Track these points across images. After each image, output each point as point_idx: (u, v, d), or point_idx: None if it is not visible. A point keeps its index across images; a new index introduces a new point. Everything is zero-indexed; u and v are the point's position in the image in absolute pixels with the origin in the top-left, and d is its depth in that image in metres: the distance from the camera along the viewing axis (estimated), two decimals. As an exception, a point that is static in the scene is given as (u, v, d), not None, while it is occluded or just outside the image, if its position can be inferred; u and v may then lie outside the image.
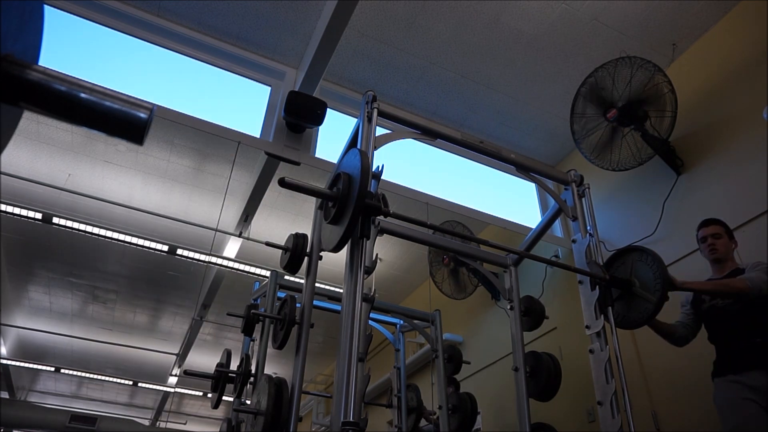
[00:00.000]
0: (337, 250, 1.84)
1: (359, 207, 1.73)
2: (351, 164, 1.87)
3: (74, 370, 7.89)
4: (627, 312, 2.38)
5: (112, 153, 4.18)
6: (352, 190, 1.77)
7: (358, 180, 1.75)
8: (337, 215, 1.82)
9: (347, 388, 1.54)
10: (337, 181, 1.90)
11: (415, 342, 4.86)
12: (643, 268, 2.38)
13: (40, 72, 0.56)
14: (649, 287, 2.32)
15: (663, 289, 2.26)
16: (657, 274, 2.32)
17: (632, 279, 2.39)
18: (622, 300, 2.41)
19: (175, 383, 8.06)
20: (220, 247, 4.53)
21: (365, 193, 1.74)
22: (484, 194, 4.33)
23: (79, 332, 6.99)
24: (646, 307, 2.30)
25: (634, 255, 2.44)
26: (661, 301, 2.27)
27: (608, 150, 3.32)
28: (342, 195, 1.80)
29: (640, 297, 2.34)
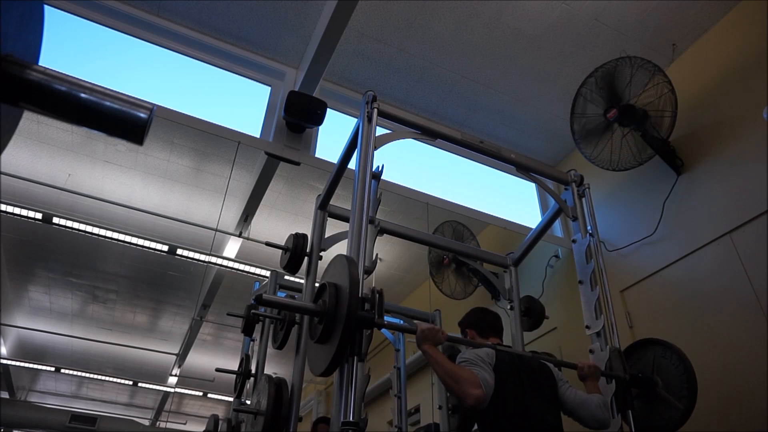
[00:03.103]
0: (327, 374, 1.59)
1: (351, 322, 1.50)
2: (338, 274, 1.66)
3: (74, 370, 7.88)
4: (649, 415, 2.13)
5: (112, 153, 4.18)
6: (341, 303, 1.55)
7: (347, 290, 1.53)
8: (324, 333, 1.59)
9: (347, 388, 1.53)
10: (322, 293, 1.66)
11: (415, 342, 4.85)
12: (666, 366, 2.16)
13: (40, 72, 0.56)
14: (674, 389, 2.09)
15: (691, 394, 2.03)
16: (683, 376, 2.08)
17: (655, 378, 2.16)
18: (643, 399, 2.17)
19: (175, 383, 8.05)
20: (220, 247, 4.52)
21: (356, 305, 1.52)
22: (484, 194, 4.33)
23: (79, 332, 6.99)
24: (672, 415, 2.06)
25: (657, 350, 2.22)
26: (690, 410, 2.03)
27: (608, 150, 3.32)
28: (329, 309, 1.58)
29: (664, 400, 2.10)
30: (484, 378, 1.73)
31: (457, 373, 1.72)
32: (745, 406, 2.55)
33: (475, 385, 1.69)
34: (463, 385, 1.68)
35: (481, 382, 1.70)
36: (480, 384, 1.69)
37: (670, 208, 3.27)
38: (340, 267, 1.66)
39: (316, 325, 1.67)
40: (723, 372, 2.69)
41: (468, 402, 1.68)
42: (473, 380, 1.70)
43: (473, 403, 1.67)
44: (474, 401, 1.67)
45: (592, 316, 2.26)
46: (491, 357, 1.85)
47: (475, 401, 1.67)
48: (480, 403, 1.68)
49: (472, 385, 1.68)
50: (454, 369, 1.74)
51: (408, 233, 2.81)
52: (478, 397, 1.67)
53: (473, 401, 1.67)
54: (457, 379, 1.70)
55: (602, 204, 3.69)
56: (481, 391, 1.68)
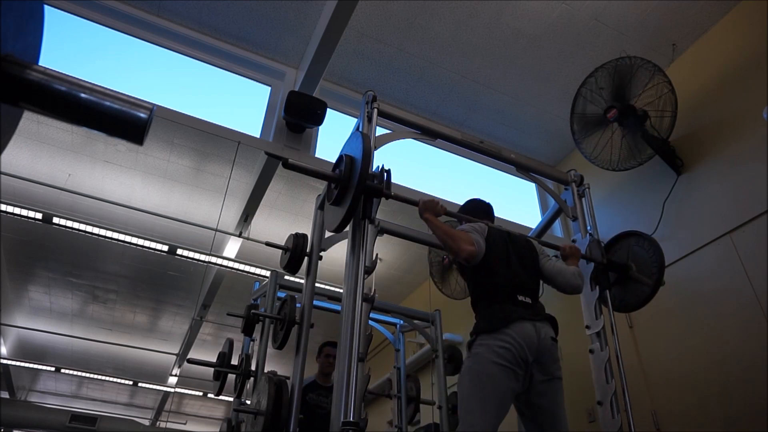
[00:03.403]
0: (339, 230, 1.88)
1: (360, 188, 1.76)
2: (353, 147, 1.89)
3: (74, 370, 7.88)
4: (624, 296, 2.41)
5: (112, 153, 4.18)
6: (354, 171, 1.80)
7: (359, 162, 1.78)
8: (339, 197, 1.85)
9: (347, 388, 1.54)
10: (340, 163, 1.91)
11: (415, 342, 4.85)
12: (640, 253, 2.41)
13: (40, 72, 0.56)
14: (646, 271, 2.34)
15: (659, 272, 2.27)
16: (653, 258, 2.33)
17: (629, 263, 2.41)
18: (620, 284, 2.43)
19: (175, 383, 8.05)
20: (220, 247, 4.52)
21: (366, 174, 1.77)
22: (484, 194, 4.32)
23: (79, 332, 6.99)
24: (643, 290, 2.33)
25: (631, 240, 2.47)
26: (658, 284, 2.29)
27: (608, 150, 3.32)
28: (344, 177, 1.82)
29: (637, 280, 2.36)
30: (476, 239, 1.98)
31: (454, 233, 1.98)
32: (745, 405, 2.55)
33: (469, 242, 1.93)
34: (458, 242, 1.93)
35: (474, 241, 1.95)
36: (473, 242, 1.94)
37: (670, 208, 3.27)
38: (356, 142, 1.88)
39: (332, 189, 1.94)
40: (723, 371, 2.68)
41: (461, 256, 1.91)
42: (467, 239, 1.95)
43: (466, 256, 1.91)
44: (467, 254, 1.91)
45: (592, 316, 2.27)
46: (483, 230, 2.10)
47: (468, 255, 1.91)
48: (472, 258, 1.92)
49: (466, 242, 1.93)
50: (451, 230, 2.00)
51: (408, 233, 2.81)
52: (470, 252, 1.91)
53: (466, 254, 1.91)
54: (453, 237, 1.95)
55: (602, 204, 3.69)
56: (474, 247, 1.92)
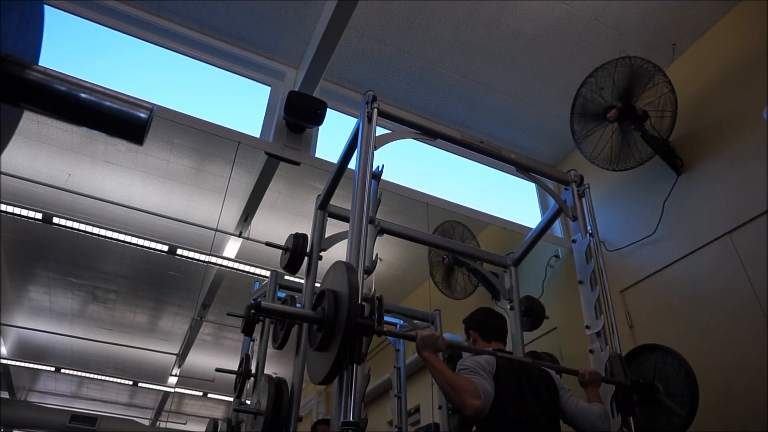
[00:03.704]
0: (327, 382, 1.58)
1: (350, 329, 1.50)
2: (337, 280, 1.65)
3: (74, 370, 7.88)
4: (650, 423, 2.13)
5: (112, 153, 4.18)
6: (340, 310, 1.55)
7: (346, 298, 1.52)
8: (324, 341, 1.58)
9: (347, 388, 1.54)
10: (321, 300, 1.66)
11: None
12: (667, 372, 2.16)
13: (40, 72, 0.56)
14: (675, 395, 2.09)
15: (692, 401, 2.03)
16: (684, 383, 2.08)
17: (656, 383, 2.16)
18: (644, 406, 2.17)
19: (175, 383, 8.05)
20: (220, 247, 4.52)
21: (355, 312, 1.51)
22: (484, 194, 4.33)
23: (79, 332, 6.99)
24: (673, 422, 2.06)
25: (658, 355, 2.23)
26: (691, 417, 2.02)
27: (608, 150, 3.32)
28: (328, 317, 1.57)
29: (666, 406, 2.10)
30: (483, 387, 1.72)
31: (457, 383, 1.71)
32: (746, 405, 2.55)
33: (475, 395, 1.68)
34: (462, 395, 1.67)
35: (480, 392, 1.69)
36: (479, 394, 1.69)
37: (670, 208, 3.27)
38: (339, 273, 1.64)
39: (315, 332, 1.66)
40: (723, 372, 2.68)
41: (467, 412, 1.67)
42: (473, 390, 1.69)
43: (472, 413, 1.67)
44: (473, 411, 1.67)
45: (592, 316, 2.26)
46: (491, 365, 1.84)
47: (474, 411, 1.67)
48: (479, 414, 1.68)
49: (472, 396, 1.67)
50: (453, 378, 1.73)
51: (408, 233, 2.81)
52: (477, 407, 1.66)
53: (472, 411, 1.67)
54: (456, 388, 1.69)
55: (602, 204, 3.69)
56: (481, 401, 1.67)
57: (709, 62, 3.35)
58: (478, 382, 1.73)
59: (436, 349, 1.76)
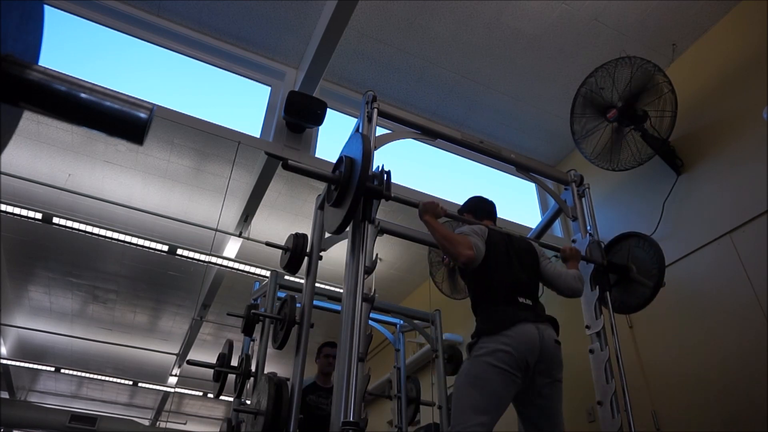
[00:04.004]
0: (339, 232, 1.88)
1: (360, 190, 1.75)
2: (353, 148, 1.89)
3: (74, 370, 7.88)
4: (624, 297, 2.41)
5: (112, 153, 4.18)
6: (354, 173, 1.80)
7: (359, 163, 1.77)
8: (339, 198, 1.85)
9: (347, 388, 1.54)
10: (339, 164, 1.91)
11: (415, 342, 4.85)
12: (640, 254, 2.40)
13: (40, 72, 0.56)
14: (646, 272, 2.34)
15: (660, 273, 2.27)
16: (654, 259, 2.33)
17: (629, 264, 2.41)
18: (620, 286, 2.43)
19: (175, 383, 8.05)
20: (220, 247, 4.52)
21: (366, 176, 1.76)
22: (484, 194, 4.32)
23: (79, 332, 6.99)
24: (643, 292, 2.33)
25: (632, 241, 2.47)
26: (658, 286, 2.28)
27: (608, 150, 3.32)
28: (344, 178, 1.82)
29: (637, 282, 2.36)
30: (475, 243, 1.96)
31: (453, 237, 1.96)
32: (746, 405, 2.55)
33: (468, 246, 1.91)
34: (457, 246, 1.91)
35: (473, 246, 1.93)
36: (472, 246, 1.92)
37: (670, 208, 3.27)
38: (356, 144, 1.87)
39: (332, 191, 1.93)
40: (723, 371, 2.68)
41: (460, 260, 1.90)
42: (466, 243, 1.93)
43: (464, 261, 1.90)
44: (465, 259, 1.89)
45: (592, 316, 2.27)
46: (484, 232, 2.08)
47: (467, 259, 1.89)
48: (471, 262, 1.91)
49: (465, 247, 1.91)
50: (450, 234, 1.98)
51: (408, 233, 2.80)
52: (469, 256, 1.89)
53: (465, 259, 1.89)
54: (452, 241, 1.93)
55: (602, 204, 3.69)
56: (473, 252, 1.90)
57: (709, 62, 3.35)
58: (471, 238, 1.98)
59: (436, 215, 2.01)
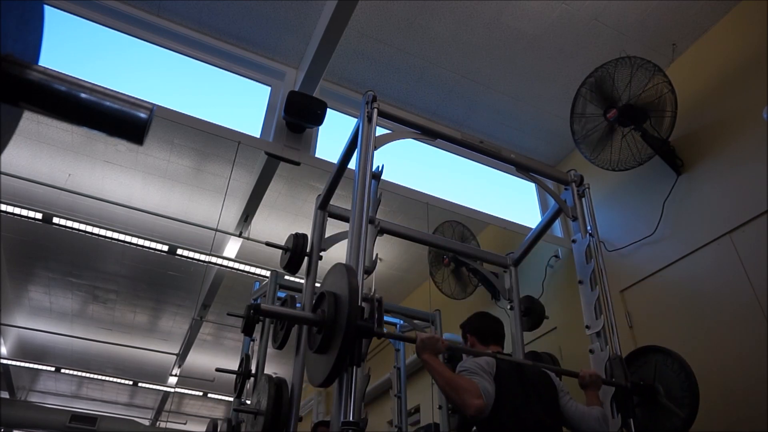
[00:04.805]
0: (327, 385, 1.58)
1: (350, 332, 1.49)
2: (336, 282, 1.65)
3: (74, 370, 7.88)
4: (651, 425, 2.13)
5: (112, 153, 4.18)
6: (340, 313, 1.54)
7: (346, 300, 1.52)
8: (324, 343, 1.58)
9: (347, 388, 1.53)
10: (321, 302, 1.66)
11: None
12: (667, 374, 2.15)
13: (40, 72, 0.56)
14: (676, 397, 2.09)
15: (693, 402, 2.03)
16: (684, 385, 2.08)
17: (656, 385, 2.16)
18: (644, 407, 2.16)
19: (175, 383, 8.05)
20: (220, 247, 4.52)
21: (355, 315, 1.51)
22: (484, 194, 4.33)
23: (79, 332, 6.99)
24: (674, 424, 2.05)
25: (658, 357, 2.22)
26: (691, 419, 2.02)
27: (608, 150, 3.32)
28: (328, 319, 1.57)
29: (666, 408, 2.10)
30: (484, 387, 1.72)
31: (458, 383, 1.71)
32: (746, 405, 2.55)
33: (476, 395, 1.68)
34: (463, 395, 1.67)
35: (481, 392, 1.69)
36: (480, 393, 1.69)
37: (670, 208, 3.27)
38: (339, 275, 1.64)
39: (314, 334, 1.65)
40: (723, 372, 2.68)
41: (469, 412, 1.67)
42: (474, 390, 1.69)
43: (474, 413, 1.67)
44: (474, 411, 1.66)
45: (592, 316, 2.26)
46: (492, 366, 1.84)
47: (476, 411, 1.66)
48: (480, 413, 1.67)
49: (473, 395, 1.67)
50: (454, 379, 1.73)
51: (408, 233, 2.81)
52: (478, 407, 1.66)
53: (474, 411, 1.66)
54: (457, 389, 1.70)
55: (602, 204, 3.69)
56: (482, 401, 1.68)
57: (709, 62, 3.35)
58: (478, 382, 1.73)
59: (435, 352, 1.76)
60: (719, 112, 3.18)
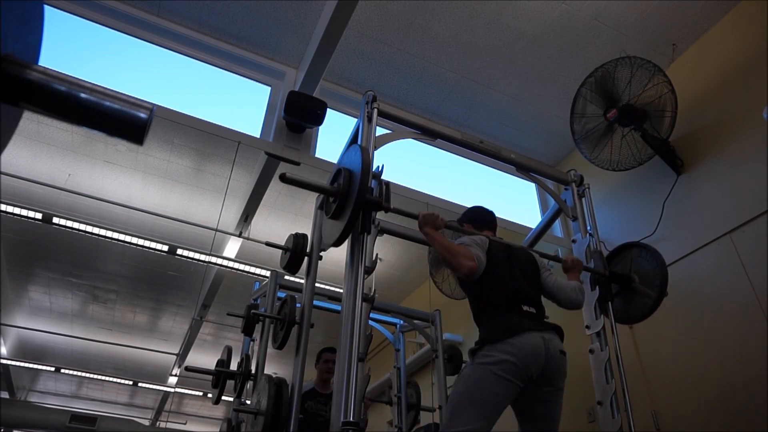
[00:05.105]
0: (338, 245, 1.84)
1: (360, 202, 1.73)
2: (351, 160, 1.88)
3: (74, 370, 7.88)
4: (626, 307, 2.39)
5: (112, 153, 4.18)
6: (353, 185, 1.78)
7: (358, 175, 1.76)
8: (337, 210, 1.83)
9: (347, 388, 1.54)
10: (338, 176, 1.90)
11: (415, 342, 4.85)
12: (642, 264, 2.39)
13: (40, 72, 0.56)
14: (649, 282, 2.33)
15: (662, 284, 2.26)
16: (656, 270, 2.32)
17: (632, 275, 2.39)
18: (622, 296, 2.42)
19: (175, 383, 8.05)
20: (220, 247, 4.52)
21: (365, 188, 1.75)
22: (484, 194, 4.33)
23: (79, 332, 6.99)
24: (646, 302, 2.32)
25: (634, 251, 2.46)
26: (661, 296, 2.27)
27: (608, 150, 3.32)
28: (342, 190, 1.81)
29: (640, 292, 2.35)
30: (476, 254, 1.93)
31: (454, 248, 1.93)
32: (746, 405, 2.55)
33: (469, 257, 1.88)
34: (458, 257, 1.88)
35: (474, 257, 1.90)
36: (473, 257, 1.90)
37: (670, 208, 3.27)
38: (354, 155, 1.85)
39: (330, 203, 1.90)
40: (723, 372, 2.68)
41: (462, 271, 1.87)
42: (467, 254, 1.90)
43: (466, 272, 1.86)
44: (467, 270, 1.86)
45: (592, 316, 2.27)
46: (484, 242, 2.05)
47: (468, 270, 1.86)
48: (472, 273, 1.88)
49: (466, 258, 1.88)
50: (451, 244, 1.95)
51: (408, 233, 2.81)
52: (470, 267, 1.86)
53: (466, 270, 1.86)
54: (453, 252, 1.90)
55: (602, 204, 3.69)
56: (474, 263, 1.88)
57: (709, 62, 3.35)
58: (472, 248, 1.96)
59: (436, 226, 1.98)
60: (719, 112, 3.18)
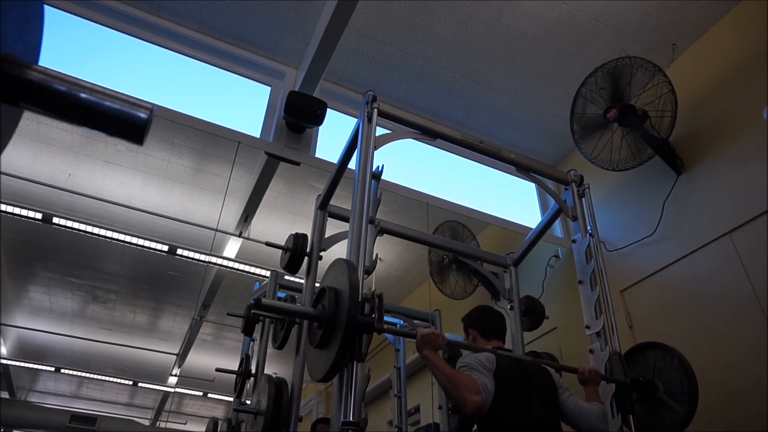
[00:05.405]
0: (327, 380, 1.57)
1: (351, 328, 1.48)
2: (337, 278, 1.64)
3: (74, 370, 7.89)
4: (650, 421, 2.11)
5: (112, 153, 4.18)
6: (340, 307, 1.53)
7: (347, 295, 1.50)
8: (324, 339, 1.56)
9: (347, 388, 1.53)
10: (322, 297, 1.64)
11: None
12: (667, 370, 2.14)
13: (40, 72, 0.56)
14: (675, 394, 2.07)
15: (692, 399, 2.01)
16: (684, 380, 2.07)
17: (656, 381, 2.14)
18: (643, 404, 2.14)
19: (175, 383, 8.06)
20: (220, 247, 4.53)
21: (356, 310, 1.50)
22: (484, 194, 4.33)
23: (79, 332, 6.99)
24: (673, 419, 2.04)
25: (658, 353, 2.21)
26: (691, 414, 2.00)
27: (608, 150, 3.32)
28: (328, 314, 1.55)
29: (665, 404, 2.08)
30: (483, 384, 1.72)
31: (457, 379, 1.71)
32: (746, 405, 2.55)
33: (475, 391, 1.68)
34: (462, 391, 1.67)
35: (480, 388, 1.69)
36: (479, 390, 1.69)
37: (670, 208, 3.27)
38: (340, 271, 1.63)
39: (315, 330, 1.64)
40: (723, 372, 2.69)
41: (467, 408, 1.67)
42: (473, 386, 1.69)
43: (473, 409, 1.66)
44: (473, 407, 1.66)
45: (592, 316, 2.26)
46: (492, 362, 1.83)
47: (475, 407, 1.66)
48: (479, 409, 1.67)
49: (472, 391, 1.67)
50: (453, 374, 1.72)
51: (408, 233, 2.81)
52: (477, 403, 1.66)
53: (473, 407, 1.66)
54: (456, 384, 1.69)
55: (602, 204, 3.69)
56: (481, 397, 1.67)
57: (709, 62, 3.35)
58: (478, 378, 1.73)
59: (436, 347, 1.75)
60: (719, 112, 3.18)
